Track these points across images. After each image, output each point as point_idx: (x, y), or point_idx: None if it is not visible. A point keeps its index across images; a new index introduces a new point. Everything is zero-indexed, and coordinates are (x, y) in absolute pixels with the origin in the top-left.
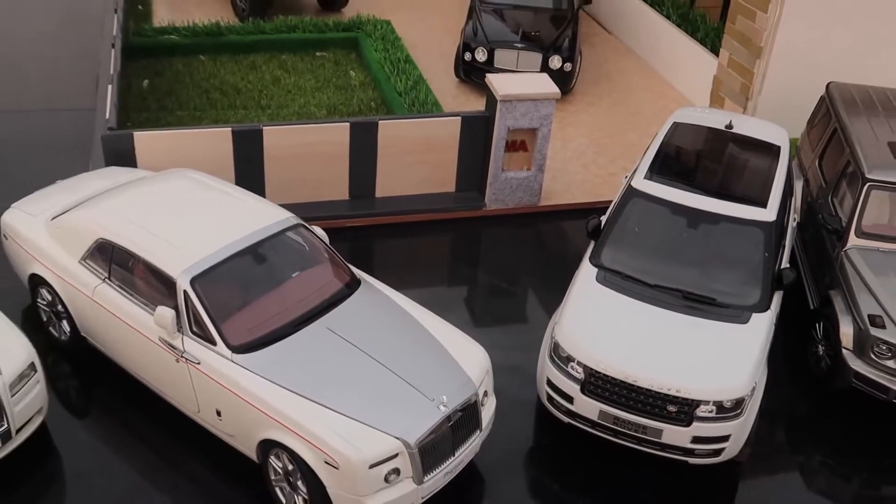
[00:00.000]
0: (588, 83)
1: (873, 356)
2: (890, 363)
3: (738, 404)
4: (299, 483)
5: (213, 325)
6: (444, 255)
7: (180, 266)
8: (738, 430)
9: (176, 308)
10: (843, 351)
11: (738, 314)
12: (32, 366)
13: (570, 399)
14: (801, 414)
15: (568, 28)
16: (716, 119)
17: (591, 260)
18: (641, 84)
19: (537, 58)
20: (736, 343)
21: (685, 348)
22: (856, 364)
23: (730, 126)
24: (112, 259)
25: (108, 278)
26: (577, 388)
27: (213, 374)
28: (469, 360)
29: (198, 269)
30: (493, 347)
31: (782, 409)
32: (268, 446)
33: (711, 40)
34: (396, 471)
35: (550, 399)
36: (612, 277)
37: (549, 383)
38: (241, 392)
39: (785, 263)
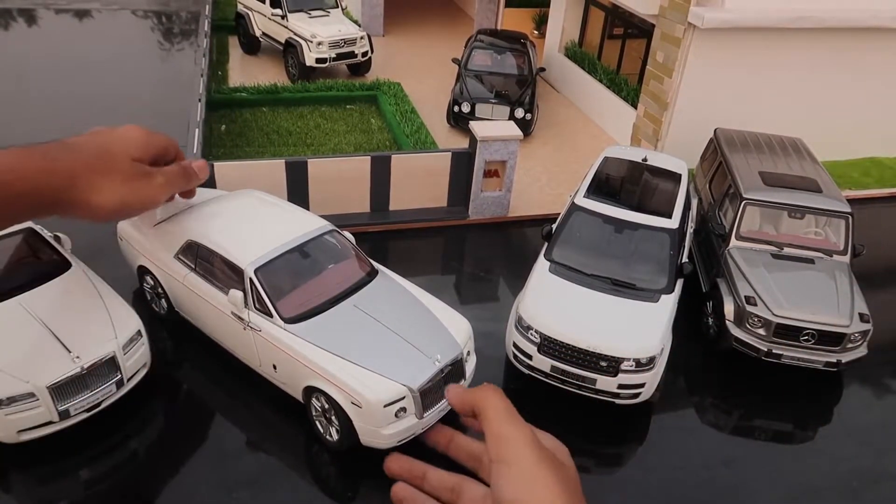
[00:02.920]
0: (543, 128)
1: (748, 326)
2: (760, 331)
3: (651, 360)
4: (333, 418)
5: (271, 303)
6: (438, 252)
7: (247, 260)
8: (651, 379)
9: (243, 290)
10: (727, 322)
11: (651, 295)
12: (139, 332)
13: (529, 357)
14: (696, 367)
15: (529, 88)
16: (635, 154)
17: (545, 256)
18: (581, 129)
19: (506, 110)
20: (649, 316)
21: (613, 320)
22: (736, 332)
23: (645, 159)
24: (198, 255)
25: (195, 269)
26: (535, 348)
27: (271, 339)
28: (457, 328)
29: (260, 262)
30: (473, 319)
31: (683, 363)
32: (310, 391)
33: (632, 98)
34: (404, 409)
35: (515, 357)
36: (560, 268)
37: (515, 345)
38: (291, 351)
39: (684, 258)
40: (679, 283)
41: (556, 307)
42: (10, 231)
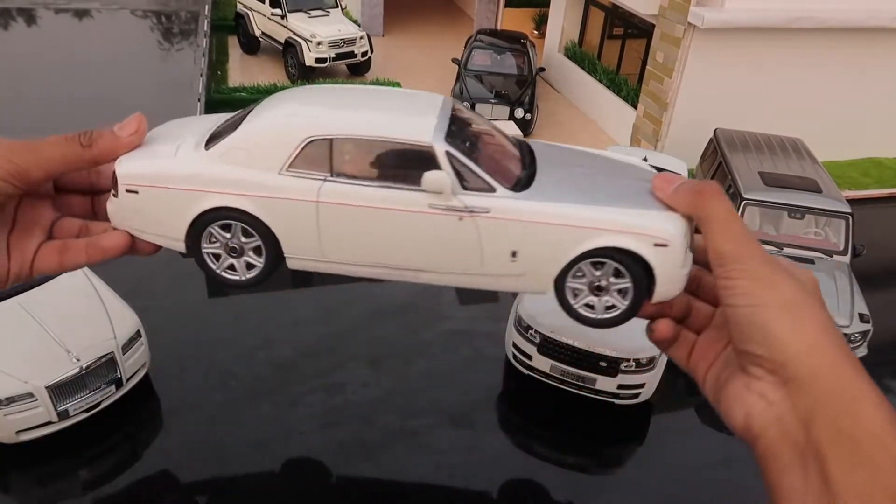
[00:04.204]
0: (543, 128)
1: None
2: None
3: (651, 361)
4: (612, 282)
5: (487, 174)
6: None
7: (427, 133)
8: (651, 380)
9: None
10: None
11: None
12: (138, 332)
13: (529, 357)
14: None
15: (528, 88)
16: (635, 154)
17: None
18: (581, 129)
19: (506, 110)
20: None
21: None
22: None
23: (645, 159)
24: (331, 155)
25: (331, 176)
26: (535, 349)
27: (509, 215)
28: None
29: (443, 132)
30: (473, 319)
31: None
32: (568, 268)
33: (632, 98)
34: (690, 246)
35: (515, 357)
36: None
37: (514, 345)
38: (549, 219)
39: None
40: None
41: (556, 307)
42: None
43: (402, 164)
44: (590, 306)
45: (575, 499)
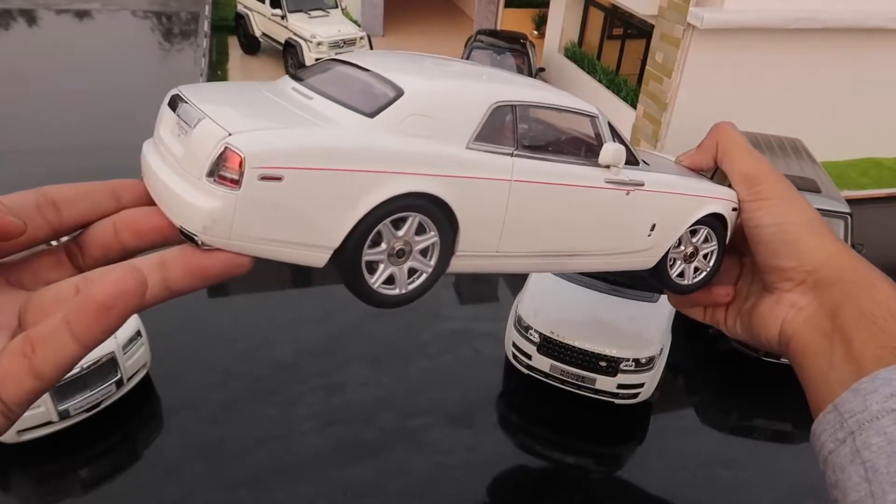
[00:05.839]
0: None
1: None
2: None
3: (650, 360)
4: (701, 245)
5: (632, 148)
6: None
7: (590, 107)
8: (651, 379)
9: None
10: None
11: (650, 296)
12: (139, 332)
13: (528, 357)
14: (696, 367)
15: None
16: None
17: None
18: None
19: None
20: (648, 316)
21: (612, 320)
22: None
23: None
24: (516, 124)
25: (517, 149)
26: (534, 348)
27: (657, 187)
28: None
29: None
30: (473, 319)
31: (682, 363)
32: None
33: (631, 98)
34: None
35: (514, 356)
36: None
37: (514, 345)
38: (684, 190)
39: None
40: None
41: (556, 307)
42: None
43: (570, 137)
44: (680, 275)
45: (575, 499)
